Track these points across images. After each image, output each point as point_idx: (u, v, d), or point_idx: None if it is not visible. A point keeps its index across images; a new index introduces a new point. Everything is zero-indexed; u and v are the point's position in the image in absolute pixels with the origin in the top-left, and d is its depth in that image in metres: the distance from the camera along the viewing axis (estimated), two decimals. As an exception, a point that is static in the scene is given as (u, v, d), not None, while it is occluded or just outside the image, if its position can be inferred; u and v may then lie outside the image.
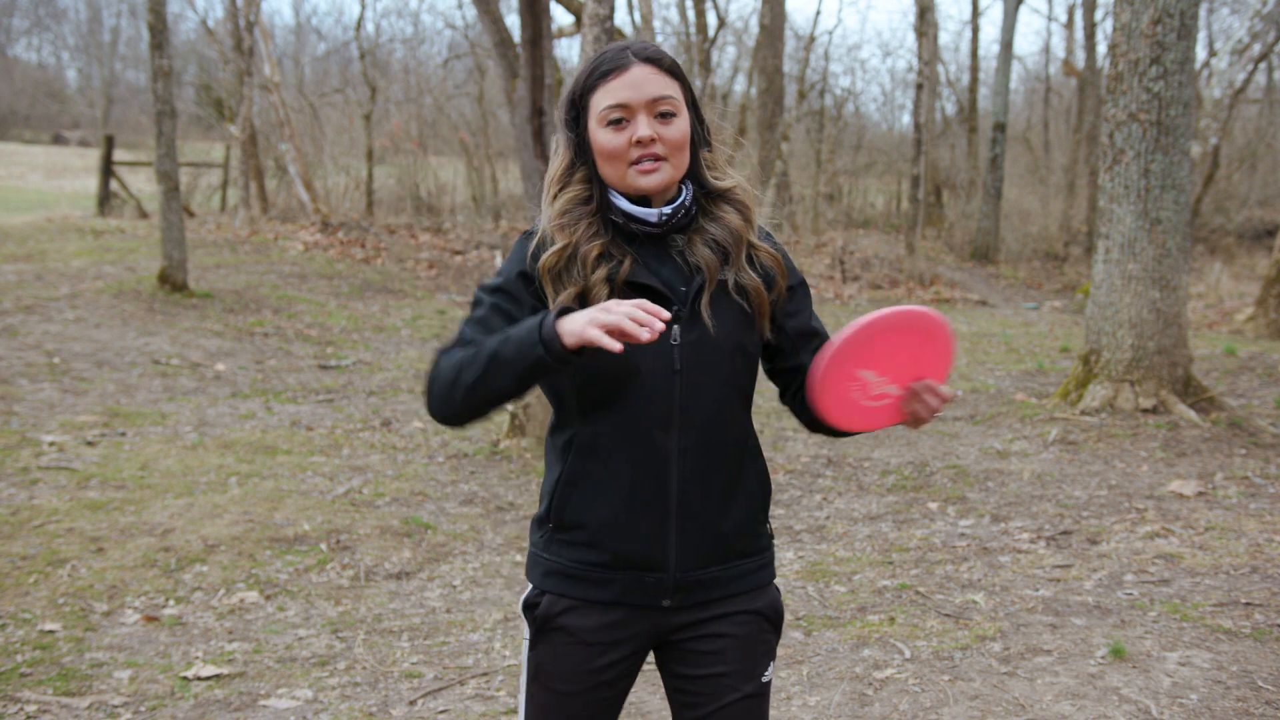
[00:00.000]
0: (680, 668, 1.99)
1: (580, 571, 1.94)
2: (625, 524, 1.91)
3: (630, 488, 1.90)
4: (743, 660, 1.97)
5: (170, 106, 11.23)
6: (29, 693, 3.71)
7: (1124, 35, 7.24)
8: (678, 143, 1.90)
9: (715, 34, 21.20)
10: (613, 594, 1.93)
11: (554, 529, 1.96)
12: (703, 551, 1.94)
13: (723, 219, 1.96)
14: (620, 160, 1.88)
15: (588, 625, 1.94)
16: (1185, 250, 7.26)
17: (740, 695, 1.96)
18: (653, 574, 1.93)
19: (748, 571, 2.00)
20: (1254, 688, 3.66)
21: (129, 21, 43.93)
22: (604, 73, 1.90)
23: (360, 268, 14.52)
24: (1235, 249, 20.11)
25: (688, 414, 1.90)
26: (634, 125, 1.87)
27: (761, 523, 2.03)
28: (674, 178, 1.91)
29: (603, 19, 6.48)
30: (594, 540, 1.92)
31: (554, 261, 1.89)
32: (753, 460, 2.00)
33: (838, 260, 17.86)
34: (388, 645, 4.21)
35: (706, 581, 1.95)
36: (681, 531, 1.92)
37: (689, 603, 1.96)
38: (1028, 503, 5.86)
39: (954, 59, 34.63)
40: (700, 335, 1.89)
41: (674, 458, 1.90)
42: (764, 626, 2.01)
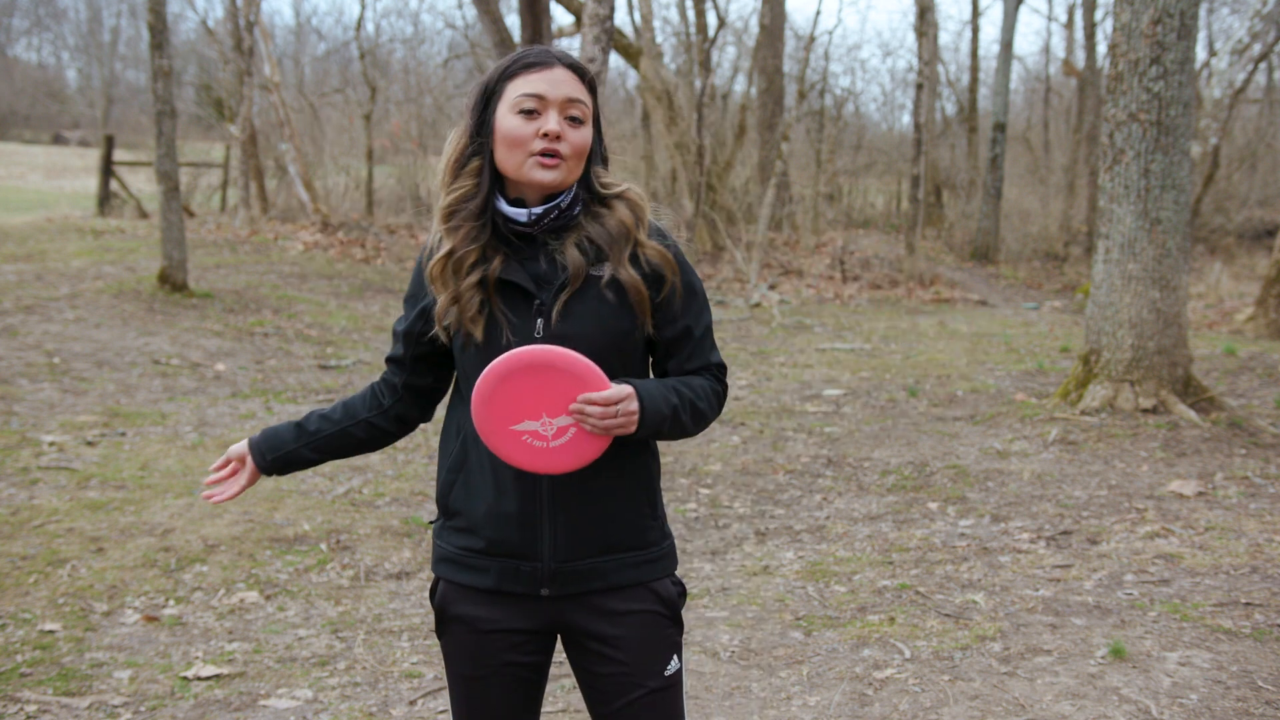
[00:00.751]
0: (583, 662, 2.04)
1: (463, 558, 2.02)
2: (498, 513, 1.97)
3: (501, 477, 1.96)
4: (640, 657, 2.00)
5: (170, 106, 11.23)
6: (29, 693, 3.71)
7: (1124, 35, 7.24)
8: (579, 148, 1.95)
9: (715, 34, 21.17)
10: (491, 580, 1.99)
11: (443, 516, 2.06)
12: (577, 542, 1.97)
13: (605, 218, 1.99)
14: (522, 149, 1.93)
15: (477, 614, 2.01)
16: (1185, 250, 7.26)
17: (644, 691, 1.99)
18: (527, 563, 1.97)
19: (633, 564, 2.01)
20: (1254, 688, 3.66)
21: (129, 21, 43.96)
22: (528, 64, 1.96)
23: (360, 268, 14.52)
24: (1235, 249, 20.11)
25: None
26: (544, 118, 1.92)
27: (646, 516, 2.03)
28: (568, 181, 1.96)
29: (603, 19, 6.48)
30: (471, 526, 2.00)
31: (439, 270, 1.97)
32: (632, 454, 2.00)
33: (838, 260, 17.87)
34: (388, 645, 4.21)
35: (585, 572, 1.98)
36: (554, 522, 1.96)
37: (568, 592, 1.98)
38: (1028, 503, 5.86)
39: (954, 59, 34.67)
40: (563, 331, 1.93)
41: None
42: (660, 621, 2.03)
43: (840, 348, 11.41)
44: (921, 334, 12.55)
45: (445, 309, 1.96)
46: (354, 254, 15.28)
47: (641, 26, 18.42)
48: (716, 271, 17.44)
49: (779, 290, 16.12)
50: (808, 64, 21.66)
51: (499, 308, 1.94)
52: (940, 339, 12.11)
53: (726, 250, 17.80)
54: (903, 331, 12.75)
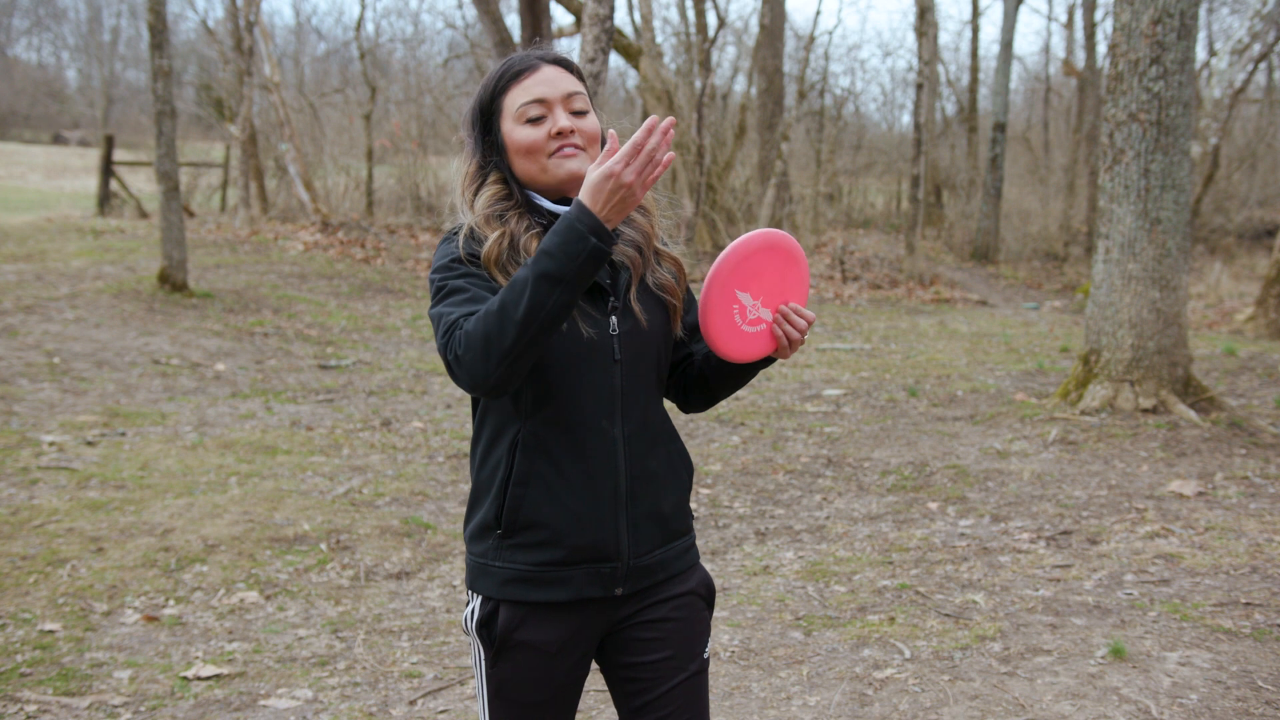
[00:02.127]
0: (624, 657, 2.03)
1: (538, 574, 1.93)
2: (582, 517, 1.92)
3: (583, 479, 1.92)
4: (685, 641, 2.03)
5: (170, 106, 11.23)
6: (29, 693, 3.71)
7: (1124, 35, 7.24)
8: (593, 135, 1.96)
9: (715, 34, 21.17)
10: (571, 591, 1.93)
11: (503, 534, 1.94)
12: (649, 535, 2.00)
13: (634, 222, 2.03)
14: (540, 153, 1.93)
15: (546, 637, 1.95)
16: (1185, 250, 7.26)
17: (686, 675, 2.01)
18: (608, 564, 1.95)
19: (682, 551, 2.06)
20: (1254, 688, 3.66)
21: (129, 21, 43.96)
22: (516, 74, 1.96)
23: (360, 268, 14.52)
24: (1235, 249, 20.11)
25: (629, 402, 1.96)
26: (552, 118, 1.93)
27: (688, 501, 2.11)
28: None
29: (603, 19, 6.48)
30: (552, 538, 1.92)
31: (496, 251, 1.90)
32: (676, 441, 2.07)
33: (838, 260, 17.87)
34: (388, 645, 4.21)
35: (653, 566, 2.01)
36: (631, 518, 1.97)
37: (637, 588, 2.00)
38: (1028, 503, 5.86)
39: (954, 59, 34.67)
40: (634, 325, 1.96)
41: (620, 445, 1.95)
42: (700, 605, 2.07)
43: (840, 348, 11.41)
44: (921, 334, 12.55)
45: None
46: (354, 254, 15.29)
47: (641, 26, 18.42)
48: (716, 271, 17.43)
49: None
50: (808, 64, 21.67)
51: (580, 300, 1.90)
52: (940, 339, 12.11)
53: None
54: (903, 331, 12.75)
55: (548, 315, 1.74)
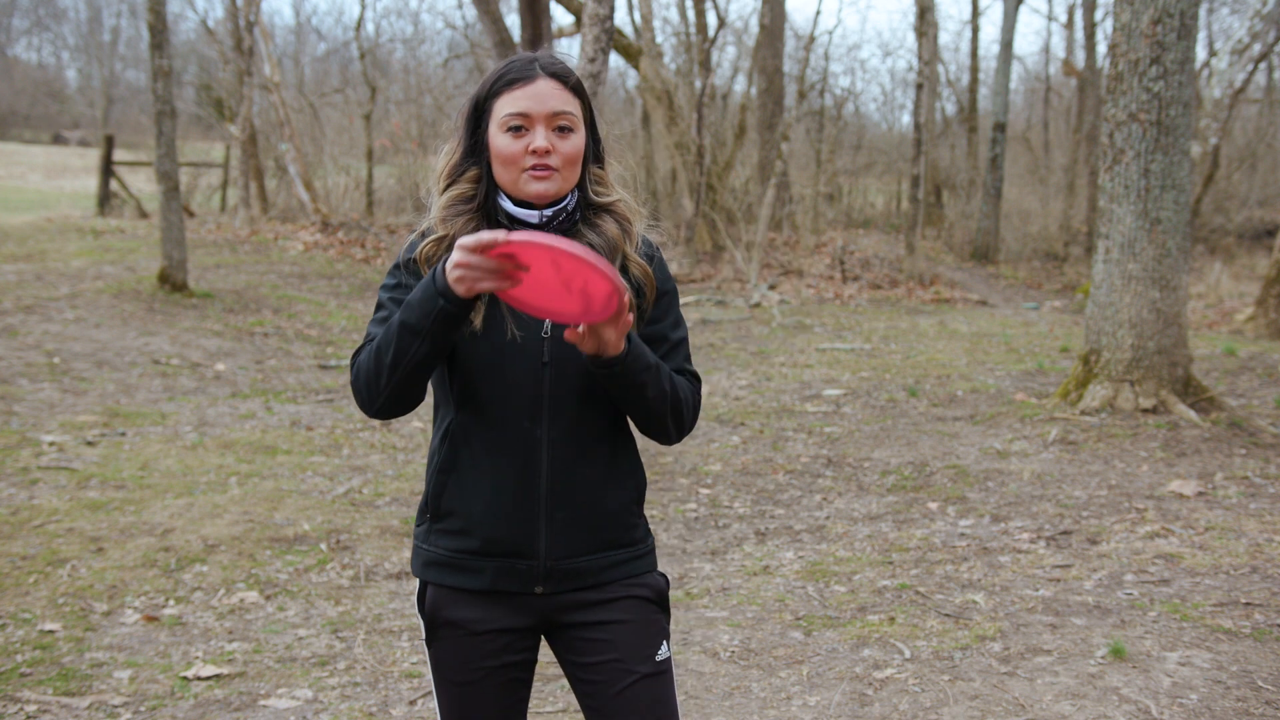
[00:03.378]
0: (573, 656, 2.05)
1: (455, 560, 2.01)
2: (495, 511, 1.97)
3: (500, 475, 1.97)
4: (633, 643, 2.02)
5: (170, 106, 11.23)
6: (29, 693, 3.71)
7: (1124, 35, 7.24)
8: (571, 157, 1.98)
9: (715, 34, 21.17)
10: (485, 581, 1.99)
11: (431, 518, 2.04)
12: (573, 540, 2.00)
13: (601, 228, 2.04)
14: (514, 165, 1.96)
15: (470, 617, 2.01)
16: (1185, 250, 7.26)
17: (637, 677, 2.01)
18: (523, 561, 1.99)
19: (622, 561, 2.05)
20: (1254, 688, 3.66)
21: (129, 21, 43.95)
22: (510, 81, 1.99)
23: (360, 268, 14.52)
24: (1235, 249, 20.11)
25: (556, 405, 1.97)
26: (532, 134, 1.96)
27: (635, 514, 2.08)
28: (563, 189, 1.99)
29: (603, 19, 6.48)
30: (467, 527, 1.99)
31: (432, 250, 1.99)
32: (624, 453, 2.07)
33: (838, 260, 17.86)
34: (388, 645, 4.21)
35: (579, 570, 2.01)
36: (551, 520, 1.98)
37: (561, 589, 2.01)
38: (1028, 503, 5.86)
39: (954, 59, 34.65)
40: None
41: (543, 447, 1.97)
42: (650, 608, 2.06)
43: (840, 348, 11.40)
44: (921, 334, 12.55)
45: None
46: (354, 254, 15.28)
47: (641, 26, 18.41)
48: (716, 271, 17.44)
49: (779, 290, 16.12)
50: (808, 64, 21.67)
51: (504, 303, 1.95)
52: (940, 339, 12.10)
53: (726, 250, 17.80)
54: (903, 331, 12.75)
55: (412, 362, 1.87)
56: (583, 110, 2.02)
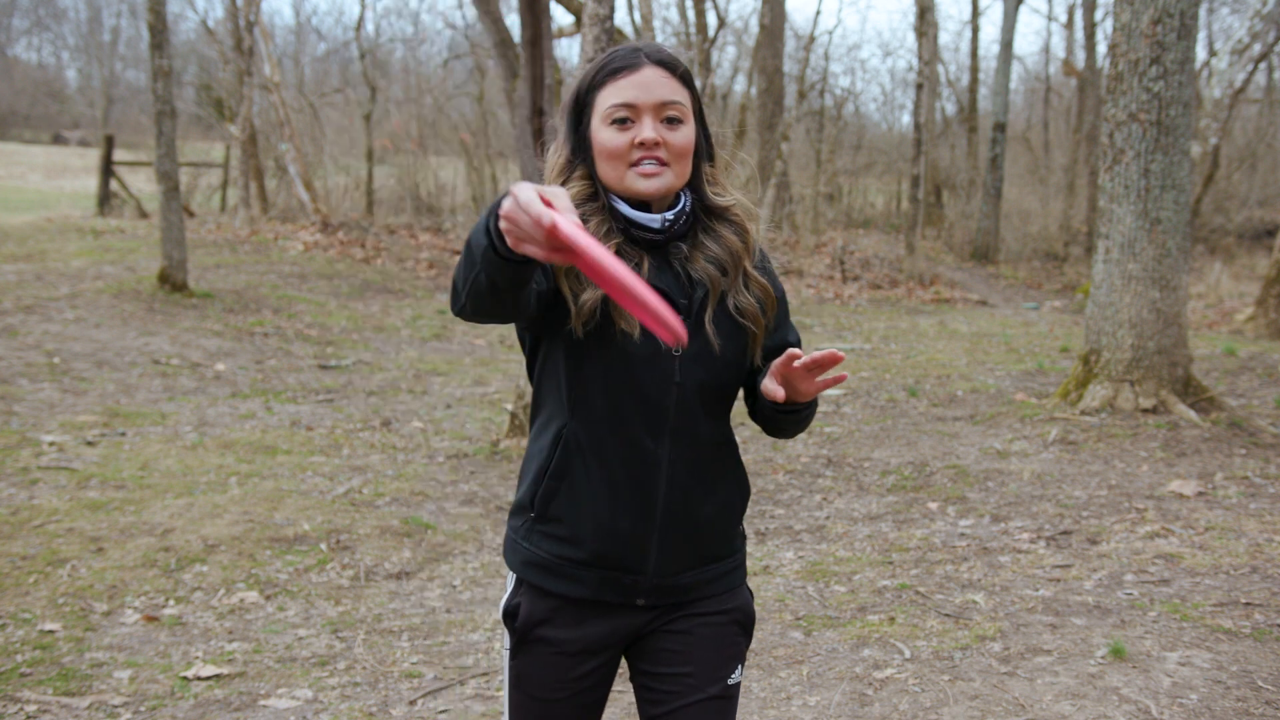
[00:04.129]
0: (646, 665, 1.98)
1: (557, 566, 1.92)
2: (608, 526, 1.88)
3: (616, 491, 1.87)
4: (708, 661, 1.95)
5: (170, 106, 11.23)
6: (29, 693, 3.71)
7: (1124, 35, 7.24)
8: (682, 149, 1.85)
9: (715, 34, 21.19)
10: (588, 591, 1.91)
11: (535, 519, 1.93)
12: (681, 557, 1.93)
13: (722, 238, 1.92)
14: (621, 161, 1.83)
15: (566, 637, 1.93)
16: (1185, 250, 7.26)
17: (704, 697, 1.93)
18: (629, 575, 1.91)
19: (720, 574, 1.99)
20: (1254, 688, 3.66)
21: (129, 21, 43.93)
22: (614, 70, 1.85)
23: (360, 268, 14.52)
24: (1235, 249, 20.11)
25: (681, 424, 1.88)
26: (639, 126, 1.82)
27: (737, 525, 2.02)
28: (674, 186, 1.86)
29: (603, 19, 6.48)
30: (575, 537, 1.90)
31: None
32: (733, 466, 1.99)
33: (838, 260, 17.86)
34: (388, 645, 4.21)
35: (683, 585, 1.95)
36: (663, 538, 1.91)
37: (662, 604, 1.96)
38: (1028, 503, 5.86)
39: (954, 59, 34.67)
40: (701, 349, 1.87)
41: (663, 466, 1.88)
42: (734, 630, 1.99)
43: (840, 348, 11.39)
44: (921, 334, 12.55)
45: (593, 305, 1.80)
46: (354, 254, 15.28)
47: (641, 26, 18.41)
48: (716, 271, 17.42)
49: (779, 290, 16.11)
50: (808, 64, 21.67)
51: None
52: (940, 339, 12.10)
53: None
54: (903, 331, 12.74)
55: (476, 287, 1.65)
56: (692, 102, 1.88)
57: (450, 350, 11.01)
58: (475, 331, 11.83)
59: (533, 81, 8.30)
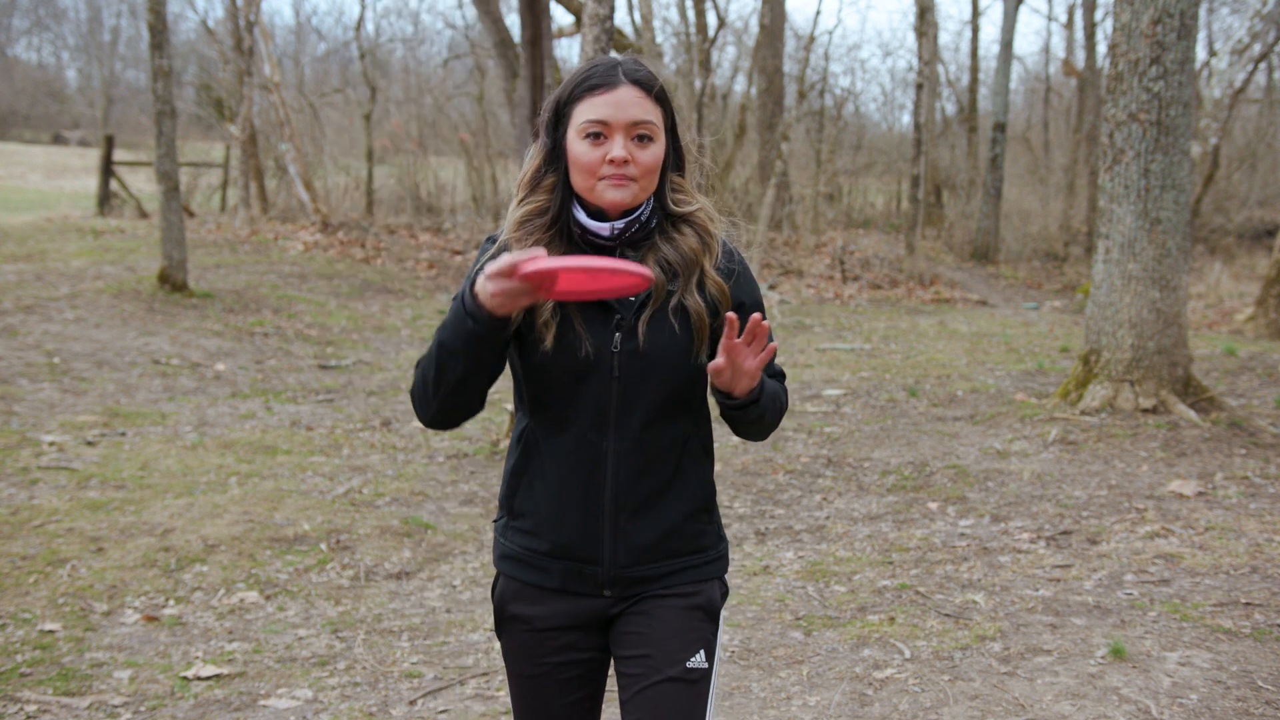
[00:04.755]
0: (615, 649, 2.07)
1: (527, 557, 2.05)
2: (561, 518, 2.01)
3: (564, 484, 2.00)
4: (666, 645, 2.00)
5: (170, 106, 11.23)
6: (29, 693, 3.71)
7: (1124, 35, 7.24)
8: (649, 167, 1.96)
9: (715, 34, 21.18)
10: (554, 580, 2.03)
11: (508, 516, 2.09)
12: (637, 550, 2.01)
13: (678, 241, 2.02)
14: (591, 174, 1.94)
15: (536, 613, 2.05)
16: (1185, 250, 7.26)
17: (661, 678, 1.98)
18: (590, 567, 2.02)
19: (688, 567, 2.06)
20: (1254, 688, 3.66)
21: (129, 21, 43.92)
22: (591, 86, 1.95)
23: (360, 268, 14.52)
24: (1235, 249, 20.11)
25: (623, 418, 1.98)
26: (610, 144, 1.93)
27: (703, 522, 2.08)
28: (639, 198, 1.97)
29: (603, 19, 6.48)
30: (536, 529, 2.03)
31: None
32: (694, 463, 2.06)
33: (838, 260, 17.86)
34: (388, 645, 4.21)
35: (645, 577, 2.03)
36: (615, 529, 2.00)
37: (629, 595, 2.04)
38: (1028, 503, 5.86)
39: (954, 59, 34.65)
40: (637, 347, 1.96)
41: (608, 459, 1.99)
42: (696, 615, 2.05)
43: (840, 348, 11.40)
44: (921, 334, 12.55)
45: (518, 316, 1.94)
46: (354, 254, 15.28)
47: (641, 26, 18.41)
48: (716, 271, 17.41)
49: (779, 290, 16.12)
50: (808, 64, 21.66)
51: (577, 318, 1.95)
52: (940, 339, 12.11)
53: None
54: (903, 331, 12.75)
55: (453, 380, 1.88)
56: (664, 118, 1.99)
57: (450, 350, 10.99)
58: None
59: (533, 81, 8.30)
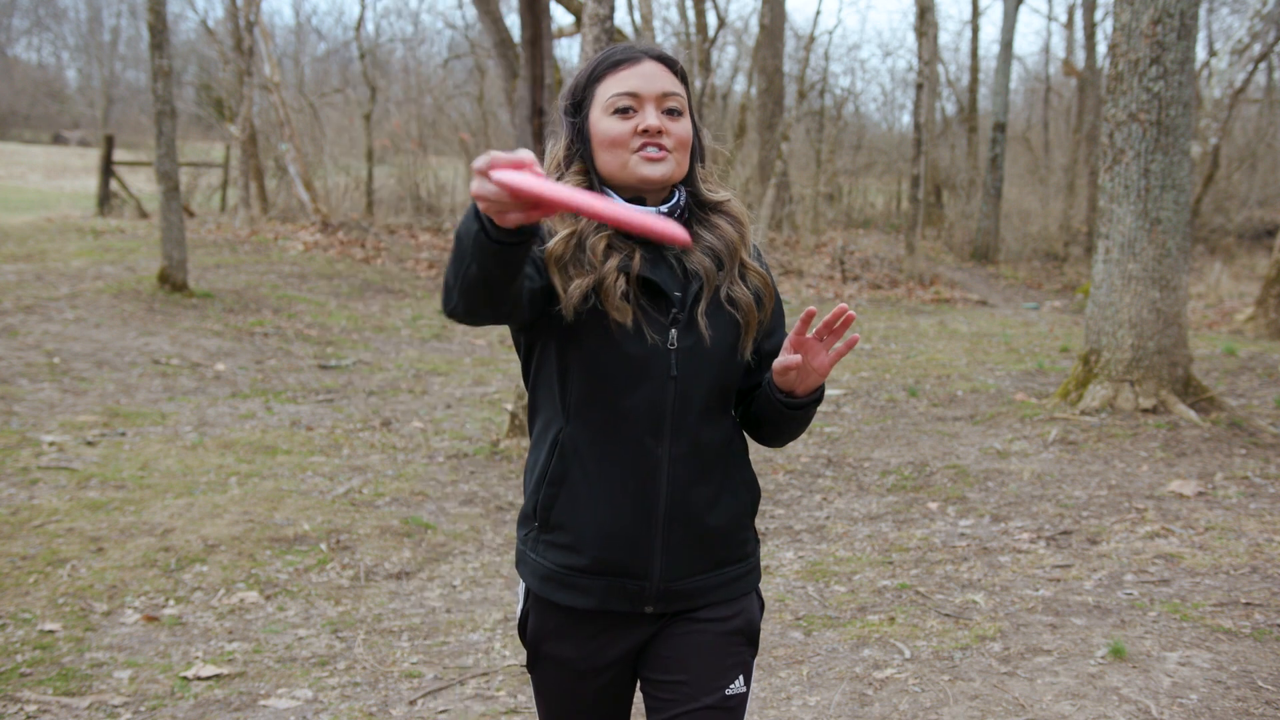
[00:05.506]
0: (647, 671, 1.96)
1: (562, 576, 1.90)
2: (609, 529, 1.86)
3: (617, 494, 1.85)
4: (704, 670, 1.92)
5: (170, 106, 11.23)
6: (29, 693, 3.71)
7: (1124, 35, 7.24)
8: (683, 139, 1.87)
9: (715, 34, 21.19)
10: (594, 601, 1.89)
11: (539, 528, 1.92)
12: (688, 560, 1.91)
13: (718, 229, 1.93)
14: (623, 148, 1.84)
15: (573, 655, 1.94)
16: (1185, 250, 7.26)
17: (697, 706, 1.89)
18: (635, 581, 1.88)
19: (731, 579, 1.98)
20: (1254, 688, 3.66)
21: (129, 21, 43.93)
22: (615, 63, 1.87)
23: (360, 268, 14.52)
24: (1235, 249, 20.11)
25: (680, 421, 1.86)
26: (642, 115, 1.84)
27: (747, 528, 2.00)
28: (675, 175, 1.87)
29: (603, 19, 6.48)
30: (577, 543, 1.87)
31: (561, 250, 1.82)
32: (740, 467, 1.97)
33: (838, 260, 17.86)
34: (388, 645, 4.21)
35: (691, 591, 1.93)
36: (668, 541, 1.88)
37: (671, 610, 1.93)
38: (1028, 503, 5.86)
39: (954, 59, 34.66)
40: (696, 342, 1.86)
41: (664, 466, 1.86)
42: (736, 640, 1.96)
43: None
44: (921, 334, 12.55)
45: (584, 291, 1.79)
46: (354, 254, 15.28)
47: (641, 26, 18.41)
48: (716, 271, 17.42)
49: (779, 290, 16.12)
50: (808, 64, 21.67)
51: (638, 307, 1.82)
52: (940, 339, 12.11)
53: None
54: (903, 331, 12.75)
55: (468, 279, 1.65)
56: (688, 98, 1.90)
57: (450, 350, 11.01)
58: (475, 331, 11.83)
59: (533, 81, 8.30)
